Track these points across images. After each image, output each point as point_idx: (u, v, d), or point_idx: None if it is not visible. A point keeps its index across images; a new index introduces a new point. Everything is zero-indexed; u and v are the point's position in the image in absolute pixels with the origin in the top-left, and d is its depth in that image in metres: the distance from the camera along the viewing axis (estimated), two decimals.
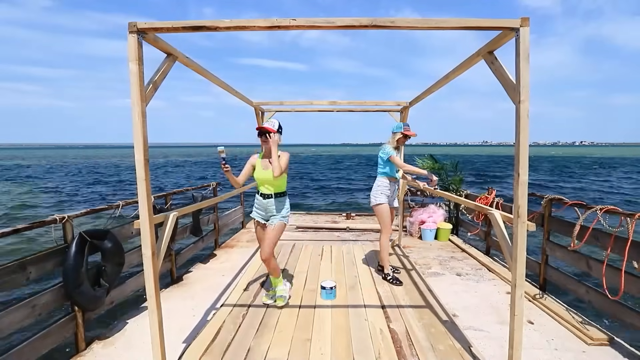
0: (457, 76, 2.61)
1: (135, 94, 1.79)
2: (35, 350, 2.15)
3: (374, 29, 1.82)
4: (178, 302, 3.28)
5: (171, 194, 3.94)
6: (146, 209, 1.89)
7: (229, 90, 3.31)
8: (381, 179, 3.69)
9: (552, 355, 2.38)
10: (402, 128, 3.62)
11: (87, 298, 2.45)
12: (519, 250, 1.88)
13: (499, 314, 3.00)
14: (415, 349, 2.38)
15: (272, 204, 2.95)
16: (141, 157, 1.84)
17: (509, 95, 1.87)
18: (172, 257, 3.83)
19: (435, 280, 3.77)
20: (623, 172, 28.54)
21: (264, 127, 2.84)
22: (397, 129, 3.66)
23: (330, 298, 3.19)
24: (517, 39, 1.75)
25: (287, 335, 2.57)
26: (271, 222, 2.95)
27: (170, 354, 2.21)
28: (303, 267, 4.09)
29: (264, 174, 2.90)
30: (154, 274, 1.96)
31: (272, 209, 2.96)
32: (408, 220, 5.80)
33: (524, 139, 1.80)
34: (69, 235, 2.44)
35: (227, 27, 1.79)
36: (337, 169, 33.97)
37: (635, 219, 2.43)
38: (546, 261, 3.49)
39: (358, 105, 4.79)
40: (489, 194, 4.77)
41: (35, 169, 32.60)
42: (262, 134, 2.86)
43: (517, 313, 1.93)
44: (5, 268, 2.01)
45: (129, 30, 1.75)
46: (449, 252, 4.90)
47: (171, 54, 2.05)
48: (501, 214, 2.20)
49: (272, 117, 4.90)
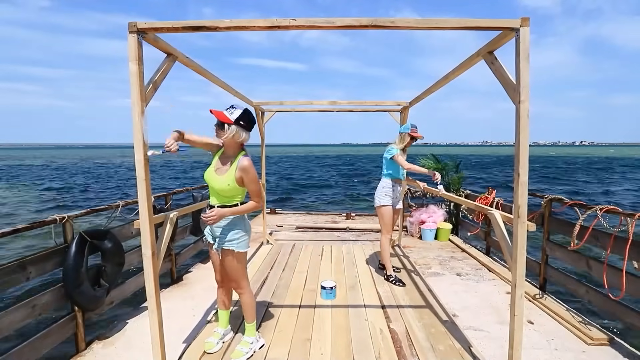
0: (457, 76, 2.61)
1: (135, 93, 1.79)
2: (35, 350, 2.15)
3: (374, 29, 1.81)
4: (178, 302, 3.27)
5: (171, 194, 3.94)
6: (146, 209, 1.89)
7: (229, 90, 3.31)
8: (385, 180, 3.64)
9: (552, 355, 2.38)
10: (410, 129, 3.55)
11: (87, 298, 2.45)
12: (518, 251, 1.88)
13: (499, 314, 3.00)
14: (415, 349, 2.38)
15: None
16: (141, 157, 1.84)
17: (509, 96, 1.87)
18: (172, 257, 3.83)
19: (435, 280, 3.77)
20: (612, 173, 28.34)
21: (217, 113, 2.06)
22: (405, 129, 3.59)
23: (330, 298, 3.19)
24: (517, 39, 1.75)
25: (287, 335, 2.57)
26: (216, 247, 2.22)
27: (170, 354, 2.21)
28: (303, 267, 4.09)
29: (216, 179, 2.10)
30: (154, 274, 1.96)
31: (216, 228, 2.19)
32: (408, 220, 5.80)
33: (524, 139, 1.80)
34: (69, 235, 2.45)
35: (227, 27, 1.79)
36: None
37: (635, 219, 2.43)
38: (546, 261, 3.49)
39: (358, 105, 4.79)
40: (489, 194, 4.77)
41: (34, 169, 32.60)
42: (216, 123, 2.09)
43: (517, 313, 1.93)
44: (5, 268, 2.01)
45: (129, 30, 1.75)
46: (449, 252, 4.90)
47: (171, 54, 2.05)
48: (501, 214, 2.20)
49: (271, 117, 4.90)
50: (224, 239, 2.17)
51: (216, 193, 2.14)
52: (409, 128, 3.56)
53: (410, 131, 3.54)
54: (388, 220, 3.62)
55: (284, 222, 6.59)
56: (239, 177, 2.08)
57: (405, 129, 3.59)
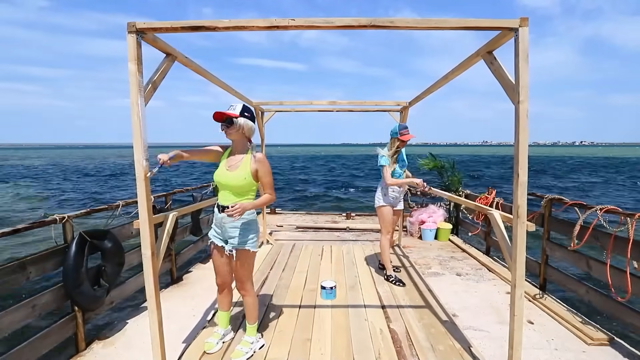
0: (456, 76, 2.61)
1: (134, 93, 1.79)
2: (35, 350, 2.16)
3: (373, 29, 1.81)
4: (178, 302, 3.27)
5: (171, 193, 3.94)
6: (146, 209, 1.89)
7: (228, 90, 3.31)
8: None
9: (552, 355, 2.38)
10: (398, 133, 3.44)
11: (87, 298, 2.45)
12: (518, 251, 1.88)
13: (499, 314, 3.00)
14: (415, 349, 2.38)
15: (229, 221, 2.15)
16: (141, 157, 1.84)
17: (508, 96, 1.87)
18: (172, 257, 3.83)
19: (435, 280, 3.77)
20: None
21: (221, 113, 2.08)
22: (393, 134, 3.49)
23: (330, 298, 3.19)
24: (516, 39, 1.75)
25: (287, 335, 2.57)
26: (230, 249, 2.18)
27: (170, 354, 2.21)
28: (303, 267, 4.09)
29: (229, 176, 2.11)
30: (153, 274, 1.96)
31: (230, 229, 2.17)
32: (408, 220, 5.80)
33: (523, 140, 1.80)
34: (69, 235, 2.45)
35: (226, 27, 1.79)
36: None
37: (635, 218, 2.43)
38: (546, 261, 3.49)
39: (358, 105, 4.79)
40: (489, 194, 4.77)
41: (35, 169, 32.61)
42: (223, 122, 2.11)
43: (517, 313, 1.93)
44: (5, 268, 2.01)
45: (128, 31, 1.75)
46: (449, 252, 4.90)
47: (170, 54, 2.05)
48: (501, 214, 2.20)
49: (271, 117, 4.90)
50: (240, 239, 2.17)
51: (229, 191, 2.15)
52: (397, 132, 3.45)
53: (399, 135, 3.43)
54: (387, 220, 3.62)
55: (284, 222, 6.59)
56: (254, 169, 2.12)
57: (394, 134, 3.48)
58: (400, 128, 3.48)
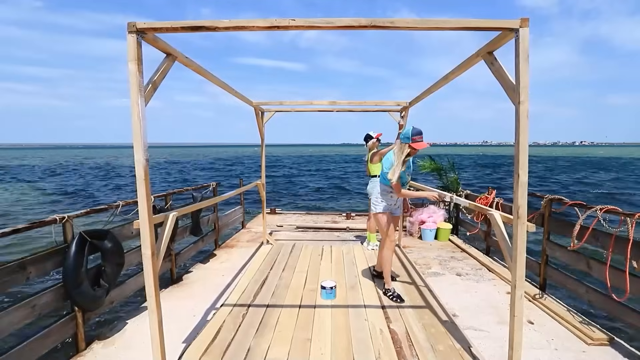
0: (456, 76, 2.61)
1: (134, 93, 1.78)
2: (35, 350, 2.15)
3: (373, 30, 1.81)
4: (178, 302, 3.27)
5: (171, 193, 3.94)
6: (146, 209, 1.89)
7: (228, 90, 3.31)
8: (383, 185, 3.28)
9: (552, 355, 2.38)
10: (411, 139, 2.92)
11: (87, 298, 2.45)
12: (518, 251, 1.88)
13: (499, 314, 3.00)
14: (415, 349, 2.38)
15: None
16: (141, 157, 1.84)
17: (508, 96, 1.87)
18: (172, 257, 3.83)
19: (435, 280, 3.77)
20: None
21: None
22: (405, 139, 2.97)
23: (330, 298, 3.19)
24: (516, 40, 1.75)
25: (287, 335, 2.57)
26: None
27: (170, 354, 2.21)
28: (303, 267, 4.09)
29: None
30: (153, 274, 1.96)
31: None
32: (408, 220, 5.80)
33: (523, 140, 1.80)
34: (69, 235, 2.44)
35: (226, 27, 1.79)
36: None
37: (635, 218, 2.43)
38: (546, 261, 3.49)
39: (358, 105, 4.79)
40: (488, 194, 4.77)
41: (34, 169, 32.59)
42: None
43: (517, 314, 1.93)
44: (5, 268, 2.01)
45: (128, 30, 1.75)
46: (449, 252, 4.90)
47: (170, 54, 2.05)
48: (501, 215, 2.20)
49: (271, 117, 4.90)
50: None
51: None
52: (410, 138, 2.93)
53: (412, 142, 2.93)
54: (385, 227, 3.31)
55: (284, 222, 6.59)
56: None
57: (406, 139, 2.96)
58: (413, 133, 2.93)
